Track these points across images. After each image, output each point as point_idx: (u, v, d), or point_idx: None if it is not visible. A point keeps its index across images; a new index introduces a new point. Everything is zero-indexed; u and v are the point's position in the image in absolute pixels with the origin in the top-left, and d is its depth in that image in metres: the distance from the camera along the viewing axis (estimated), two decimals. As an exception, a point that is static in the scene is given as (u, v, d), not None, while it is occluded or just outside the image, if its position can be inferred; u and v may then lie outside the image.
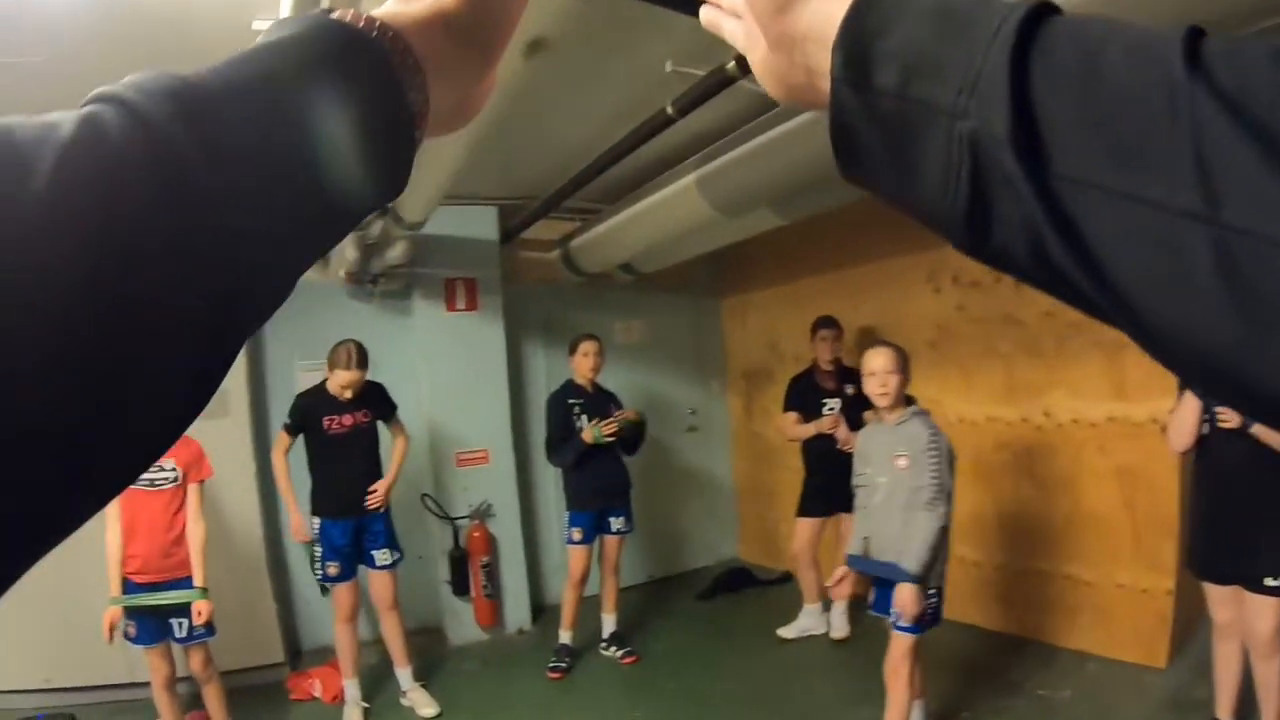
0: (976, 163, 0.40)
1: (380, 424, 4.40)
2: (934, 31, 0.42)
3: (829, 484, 4.73)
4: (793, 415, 5.01)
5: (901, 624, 3.21)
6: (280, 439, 4.26)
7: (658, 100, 3.34)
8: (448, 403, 5.41)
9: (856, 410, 4.79)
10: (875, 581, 3.42)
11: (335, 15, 0.46)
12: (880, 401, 3.38)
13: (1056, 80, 0.38)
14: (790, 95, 0.53)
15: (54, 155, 0.32)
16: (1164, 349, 0.38)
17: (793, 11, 0.50)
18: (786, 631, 5.00)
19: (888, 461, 3.35)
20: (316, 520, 4.20)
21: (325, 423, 4.18)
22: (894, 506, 3.28)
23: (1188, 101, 0.34)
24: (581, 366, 4.84)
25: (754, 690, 4.36)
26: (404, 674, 4.40)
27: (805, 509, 5.00)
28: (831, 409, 4.88)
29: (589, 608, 4.95)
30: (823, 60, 0.47)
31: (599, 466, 4.73)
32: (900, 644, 3.27)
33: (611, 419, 4.65)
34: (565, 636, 4.84)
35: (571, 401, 4.81)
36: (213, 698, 3.80)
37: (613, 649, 4.86)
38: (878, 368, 3.35)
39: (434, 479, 5.35)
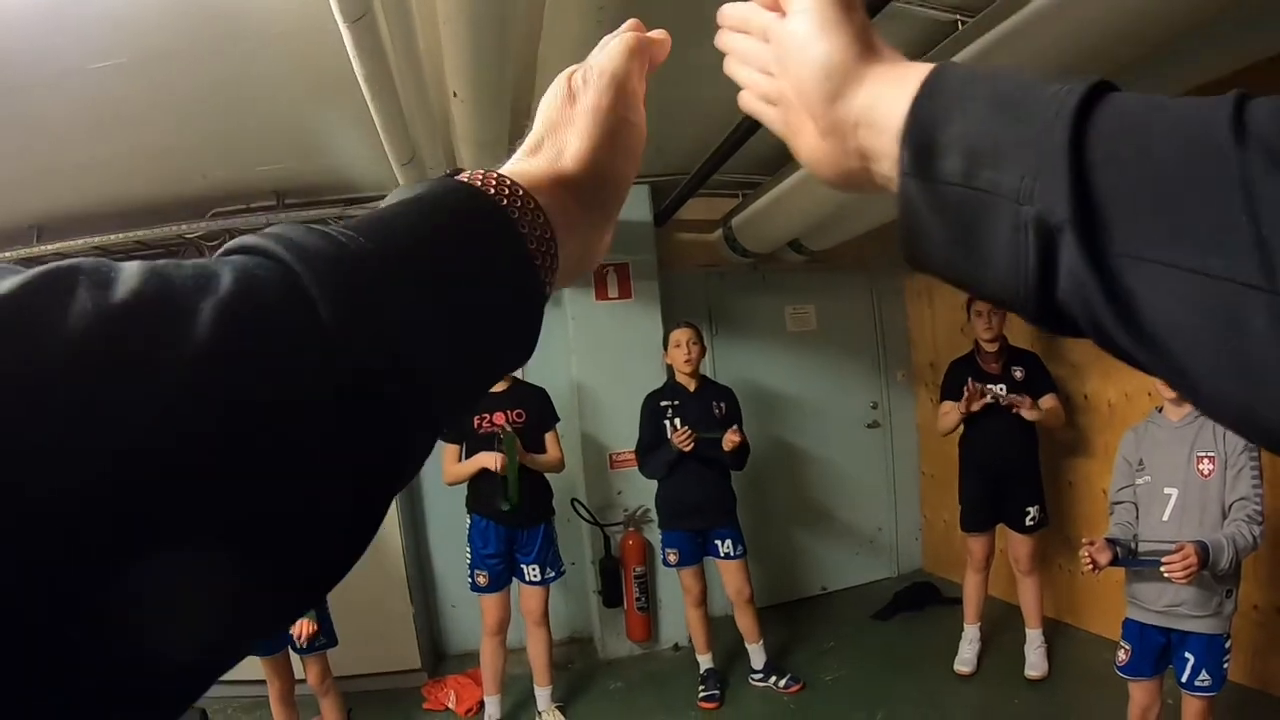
0: (1043, 247, 0.41)
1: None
2: (994, 120, 0.44)
3: (991, 490, 4.15)
4: (948, 405, 4.27)
5: (1198, 684, 2.54)
6: (446, 453, 3.96)
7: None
8: (601, 399, 5.04)
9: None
10: (1135, 633, 2.73)
11: (471, 178, 0.46)
12: (1166, 390, 2.65)
13: (1112, 161, 0.39)
14: (844, 180, 0.55)
15: (213, 313, 0.31)
16: (1211, 406, 0.39)
17: (844, 100, 0.51)
18: (962, 667, 4.25)
19: (1181, 465, 2.62)
20: (468, 518, 3.96)
21: (476, 421, 3.87)
22: (1188, 525, 2.56)
23: (1238, 169, 0.35)
24: (675, 360, 4.27)
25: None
26: (543, 694, 4.09)
27: (969, 522, 4.29)
28: (996, 398, 4.10)
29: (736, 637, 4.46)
30: (877, 146, 0.50)
31: (693, 480, 4.13)
32: (1193, 711, 2.60)
33: (689, 434, 4.01)
34: (704, 661, 4.32)
35: (664, 403, 4.25)
36: (330, 710, 3.65)
37: (772, 679, 4.30)
38: None
39: (585, 482, 5.00)
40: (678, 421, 4.16)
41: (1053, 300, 0.42)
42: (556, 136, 0.53)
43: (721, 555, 4.23)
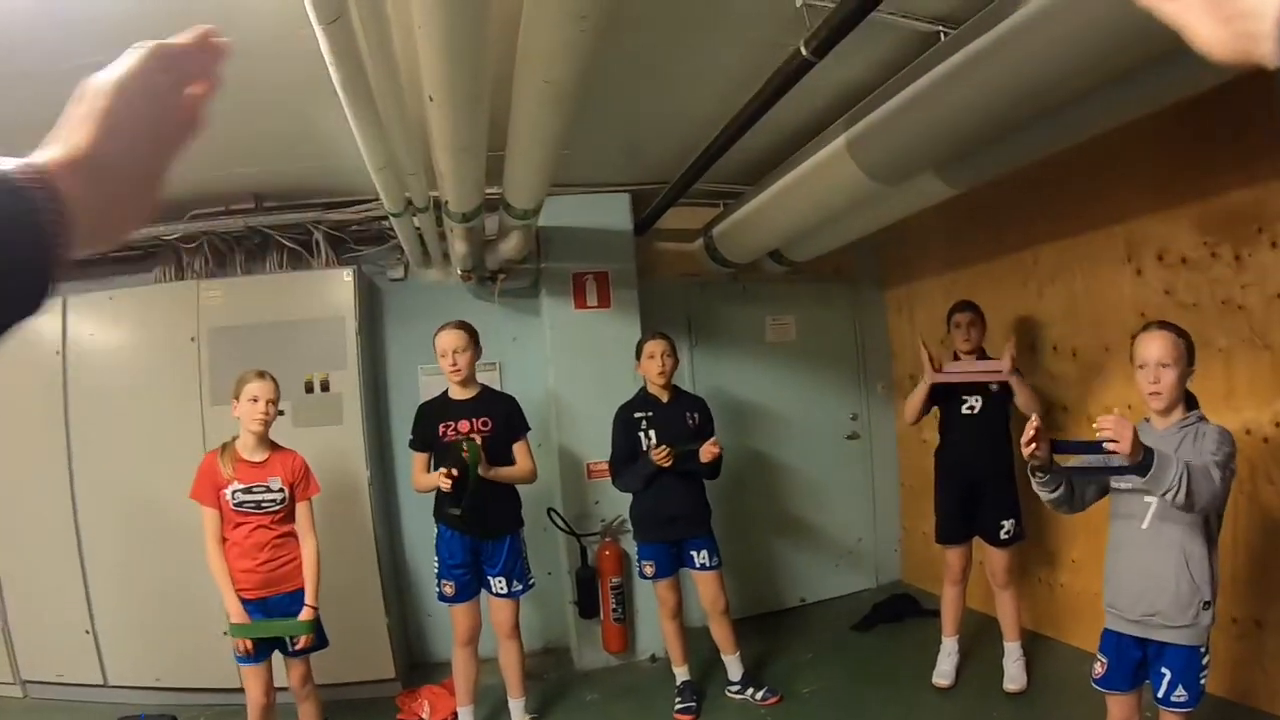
0: None
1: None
2: None
3: (966, 502, 4.16)
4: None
5: (1174, 699, 2.52)
6: (415, 463, 3.93)
7: (791, 45, 2.74)
8: (578, 409, 4.99)
9: (1001, 409, 4.13)
10: (1111, 645, 2.71)
11: (3, 165, 0.58)
12: (1153, 403, 2.63)
13: None
14: (1233, 57, 0.67)
15: None
16: None
17: None
18: (941, 680, 4.21)
19: None
20: (436, 527, 3.92)
21: (441, 430, 3.82)
22: (1166, 532, 2.54)
23: None
24: (649, 371, 4.22)
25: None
26: (516, 705, 4.04)
27: (944, 534, 4.29)
28: (972, 408, 4.13)
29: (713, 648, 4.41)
30: (1259, 30, 0.63)
31: (668, 491, 4.08)
32: None
33: (666, 449, 3.96)
34: (681, 673, 4.27)
35: (638, 415, 4.21)
36: (308, 717, 3.60)
37: (749, 690, 4.25)
38: (1150, 358, 2.59)
39: (562, 491, 4.95)
40: (653, 433, 4.13)
41: None
42: (72, 129, 0.65)
43: (697, 566, 4.19)
